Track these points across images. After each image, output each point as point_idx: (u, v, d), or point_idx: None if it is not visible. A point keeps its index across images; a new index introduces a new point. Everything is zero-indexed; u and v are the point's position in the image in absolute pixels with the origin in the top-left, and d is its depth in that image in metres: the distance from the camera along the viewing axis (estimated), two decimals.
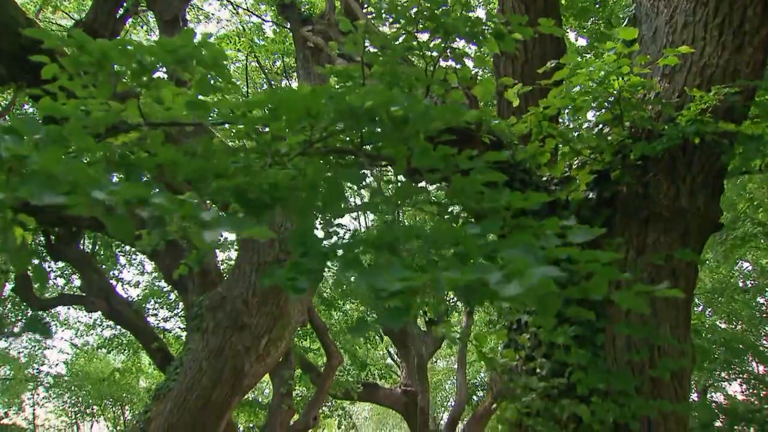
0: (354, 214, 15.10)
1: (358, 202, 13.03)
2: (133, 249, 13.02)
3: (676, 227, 3.88)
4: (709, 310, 17.08)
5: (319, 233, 1.89)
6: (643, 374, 3.68)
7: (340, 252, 1.54)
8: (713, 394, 17.50)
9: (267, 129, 2.23)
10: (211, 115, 2.19)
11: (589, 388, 3.58)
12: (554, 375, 3.74)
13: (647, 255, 3.81)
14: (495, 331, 4.43)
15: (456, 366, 17.31)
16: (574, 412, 3.58)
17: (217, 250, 10.85)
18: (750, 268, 17.68)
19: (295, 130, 2.11)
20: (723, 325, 16.48)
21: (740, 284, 17.00)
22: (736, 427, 11.57)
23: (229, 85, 2.25)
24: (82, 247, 11.97)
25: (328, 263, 1.54)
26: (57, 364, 29.62)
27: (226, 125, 2.20)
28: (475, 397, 18.49)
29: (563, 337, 3.65)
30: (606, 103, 3.94)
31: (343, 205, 2.00)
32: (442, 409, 24.54)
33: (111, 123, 2.20)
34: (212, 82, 2.25)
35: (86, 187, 1.29)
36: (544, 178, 4.14)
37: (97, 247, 13.32)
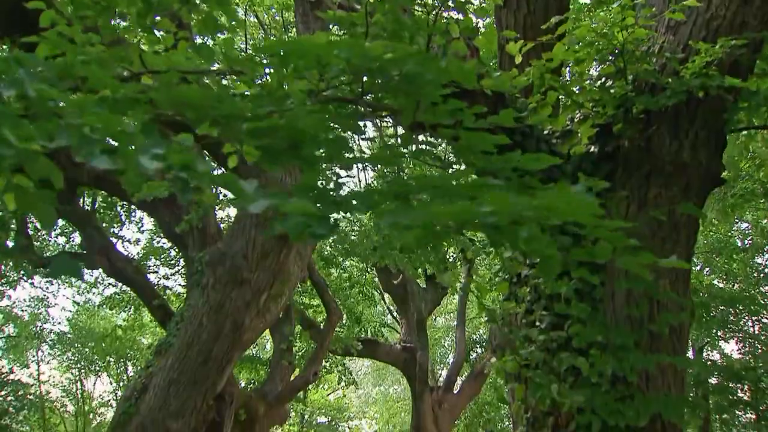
0: (352, 171, 15.03)
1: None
2: (132, 206, 12.97)
3: (678, 181, 3.85)
4: (708, 269, 17.15)
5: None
6: (642, 328, 3.69)
7: (354, 201, 1.53)
8: (710, 352, 17.68)
9: (268, 77, 2.18)
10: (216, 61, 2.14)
11: (587, 342, 3.61)
12: (554, 328, 3.76)
13: (648, 209, 3.80)
14: (496, 284, 4.45)
15: (455, 323, 17.46)
16: (572, 365, 3.61)
17: (215, 206, 10.81)
18: (748, 227, 17.69)
19: (299, 78, 2.07)
20: (721, 284, 16.56)
21: (738, 244, 17.02)
22: (731, 385, 11.70)
23: (233, 23, 2.20)
24: (82, 205, 11.94)
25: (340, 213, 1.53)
26: (60, 322, 29.89)
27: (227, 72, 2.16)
28: (473, 354, 18.70)
29: (565, 287, 3.66)
30: (609, 56, 3.88)
31: (348, 156, 1.97)
32: (441, 365, 24.81)
33: (111, 71, 2.16)
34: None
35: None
36: (546, 132, 4.11)
37: (96, 204, 13.29)
